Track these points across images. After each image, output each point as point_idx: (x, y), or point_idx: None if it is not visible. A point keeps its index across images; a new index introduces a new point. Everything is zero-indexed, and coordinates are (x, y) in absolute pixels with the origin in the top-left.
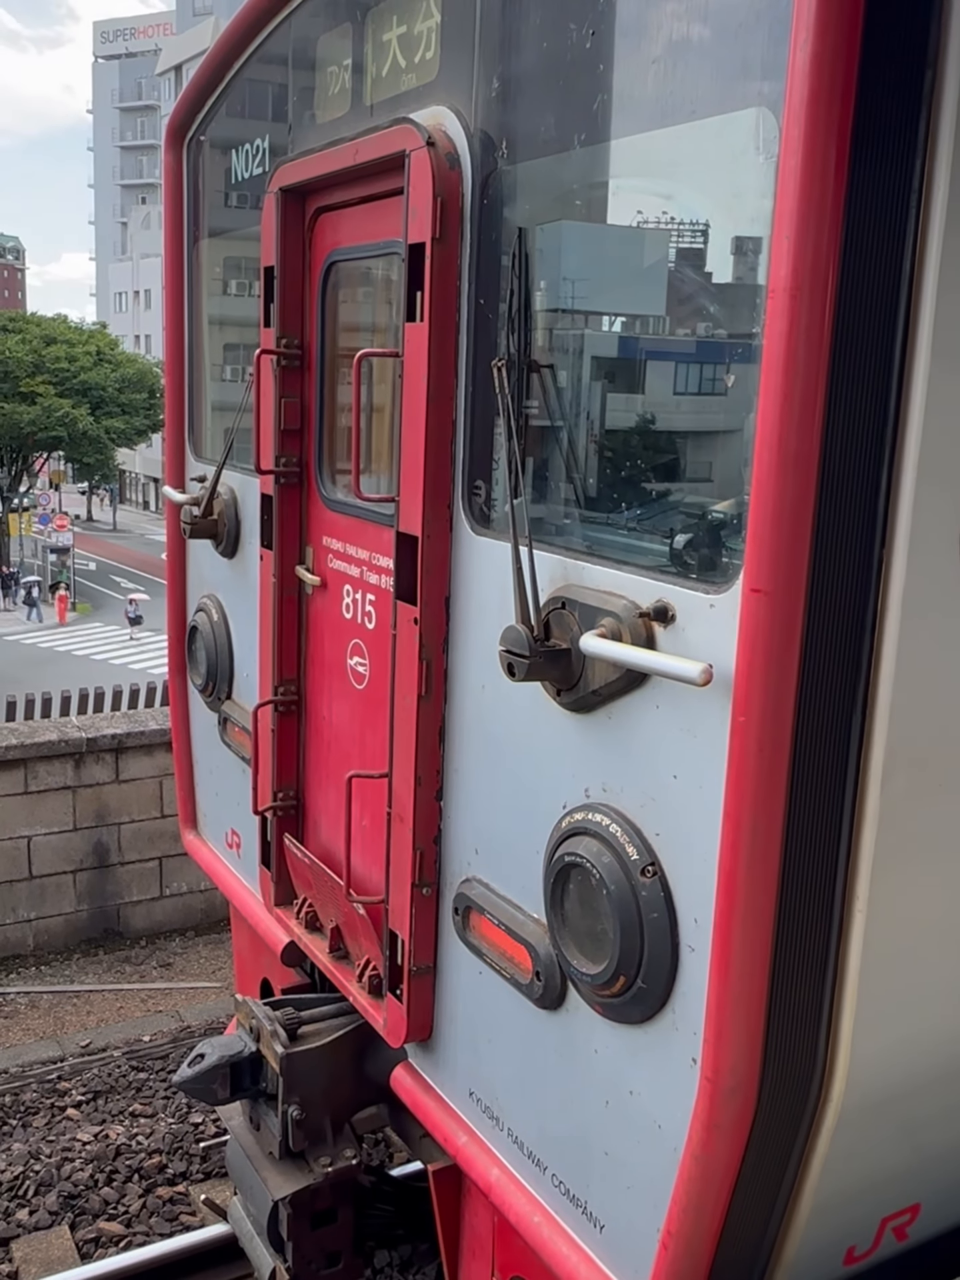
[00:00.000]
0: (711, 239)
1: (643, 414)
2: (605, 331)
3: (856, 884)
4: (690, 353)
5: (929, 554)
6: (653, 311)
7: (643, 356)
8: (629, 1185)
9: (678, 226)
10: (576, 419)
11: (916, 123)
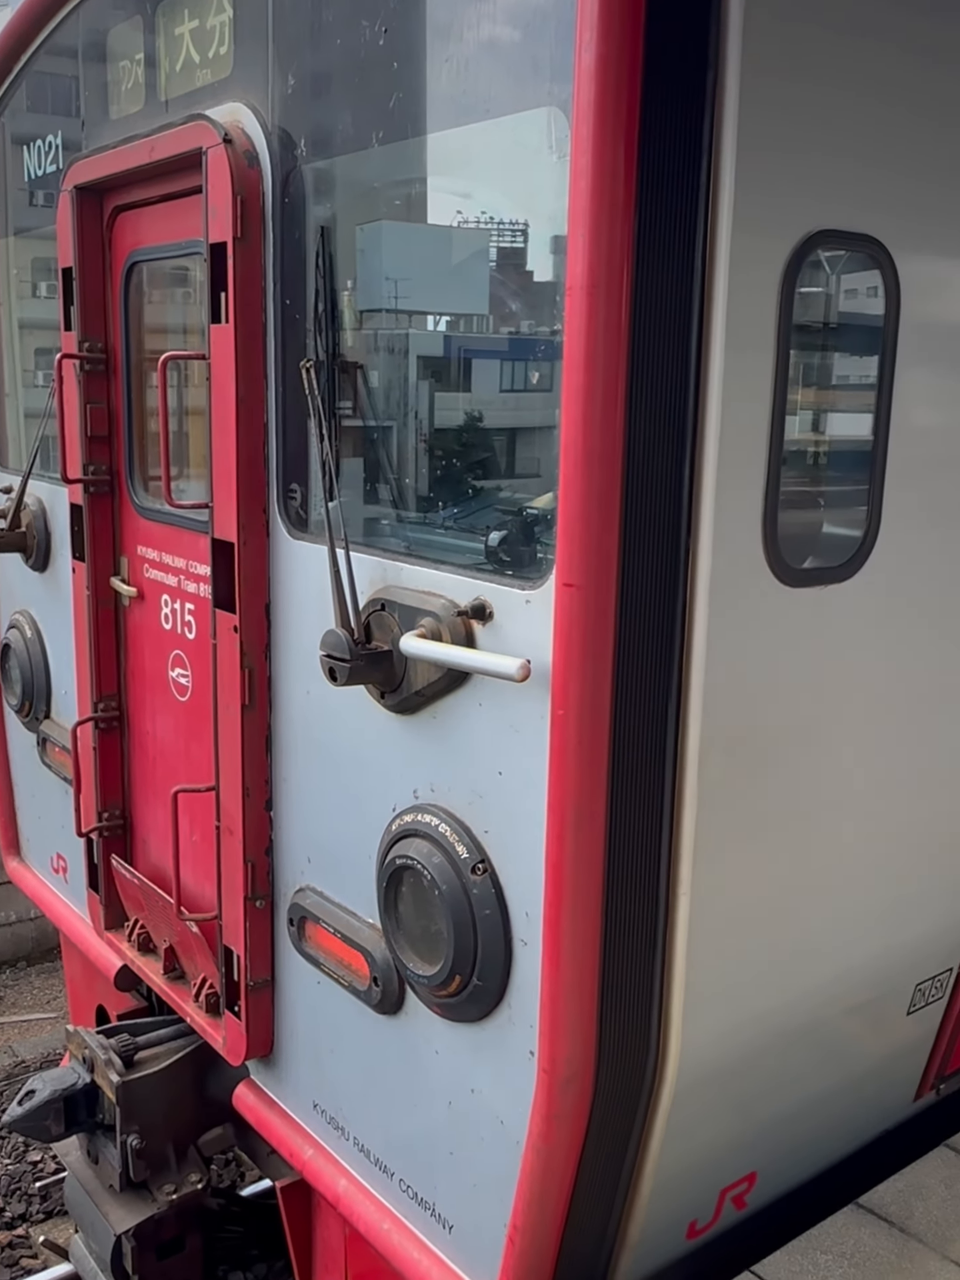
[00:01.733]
0: (513, 238)
1: (457, 413)
2: (415, 331)
3: (679, 868)
4: (503, 351)
5: (733, 543)
6: (462, 309)
7: (456, 355)
8: (475, 1183)
9: (480, 225)
10: (389, 419)
11: (701, 122)
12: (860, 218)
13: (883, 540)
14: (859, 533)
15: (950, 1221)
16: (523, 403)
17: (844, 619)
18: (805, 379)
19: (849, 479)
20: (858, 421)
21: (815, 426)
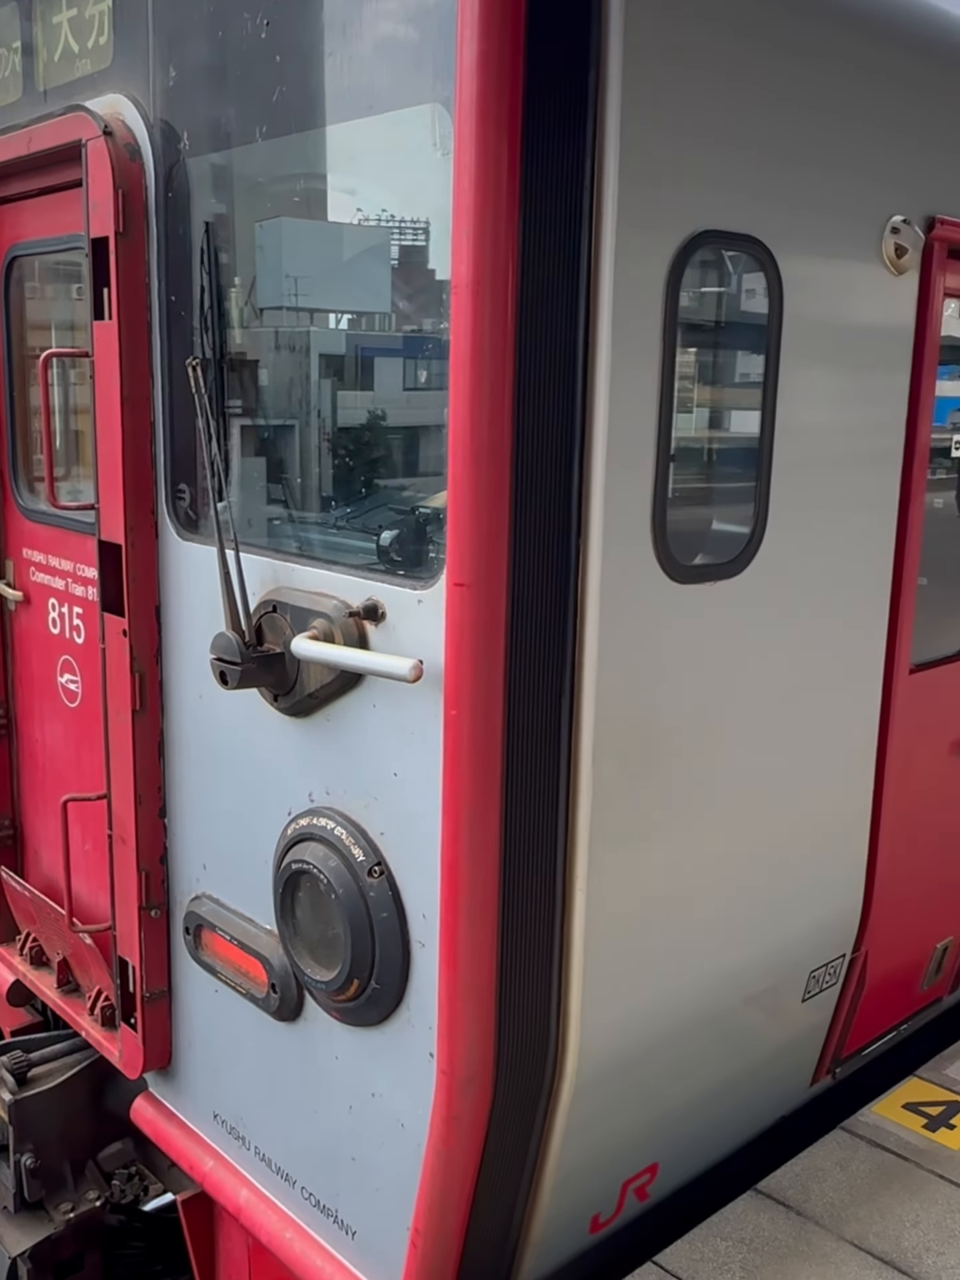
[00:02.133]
0: (401, 235)
1: (350, 412)
2: (306, 328)
3: (575, 864)
4: (396, 349)
5: (623, 541)
6: (355, 307)
7: (349, 353)
8: (377, 1188)
9: (369, 222)
10: (280, 418)
11: (585, 119)
12: (743, 218)
13: (770, 536)
14: (747, 529)
15: (845, 1203)
16: (415, 401)
17: (733, 614)
18: (693, 377)
19: (736, 476)
20: (745, 419)
21: (703, 424)
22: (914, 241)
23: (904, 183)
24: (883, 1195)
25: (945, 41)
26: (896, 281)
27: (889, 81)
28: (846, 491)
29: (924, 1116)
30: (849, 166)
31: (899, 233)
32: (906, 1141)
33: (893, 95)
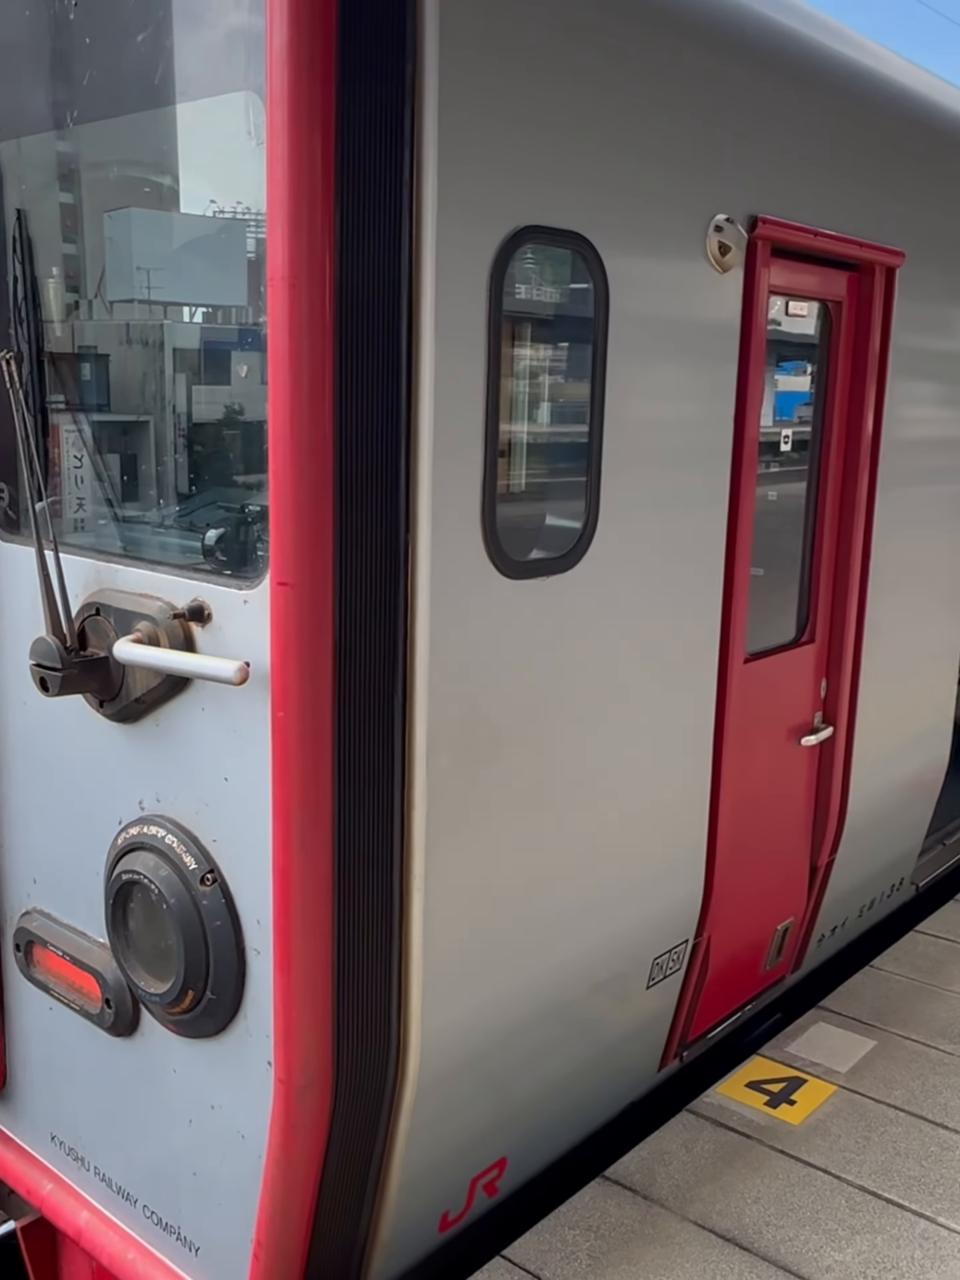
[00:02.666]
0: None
1: (172, 407)
2: (128, 320)
3: (412, 862)
4: (221, 342)
5: (452, 538)
6: (180, 298)
7: (174, 346)
8: (219, 1202)
9: (184, 211)
10: (102, 414)
11: (401, 111)
12: (567, 214)
13: (601, 531)
14: (578, 524)
15: (690, 1183)
16: (240, 396)
17: (567, 609)
18: (521, 372)
19: (567, 471)
20: (574, 414)
21: (533, 420)
22: (737, 240)
23: (727, 182)
24: (726, 1174)
25: (765, 45)
26: (722, 279)
27: (711, 83)
28: (677, 485)
29: (766, 1094)
30: (673, 165)
31: (722, 231)
32: (749, 1119)
33: (715, 96)
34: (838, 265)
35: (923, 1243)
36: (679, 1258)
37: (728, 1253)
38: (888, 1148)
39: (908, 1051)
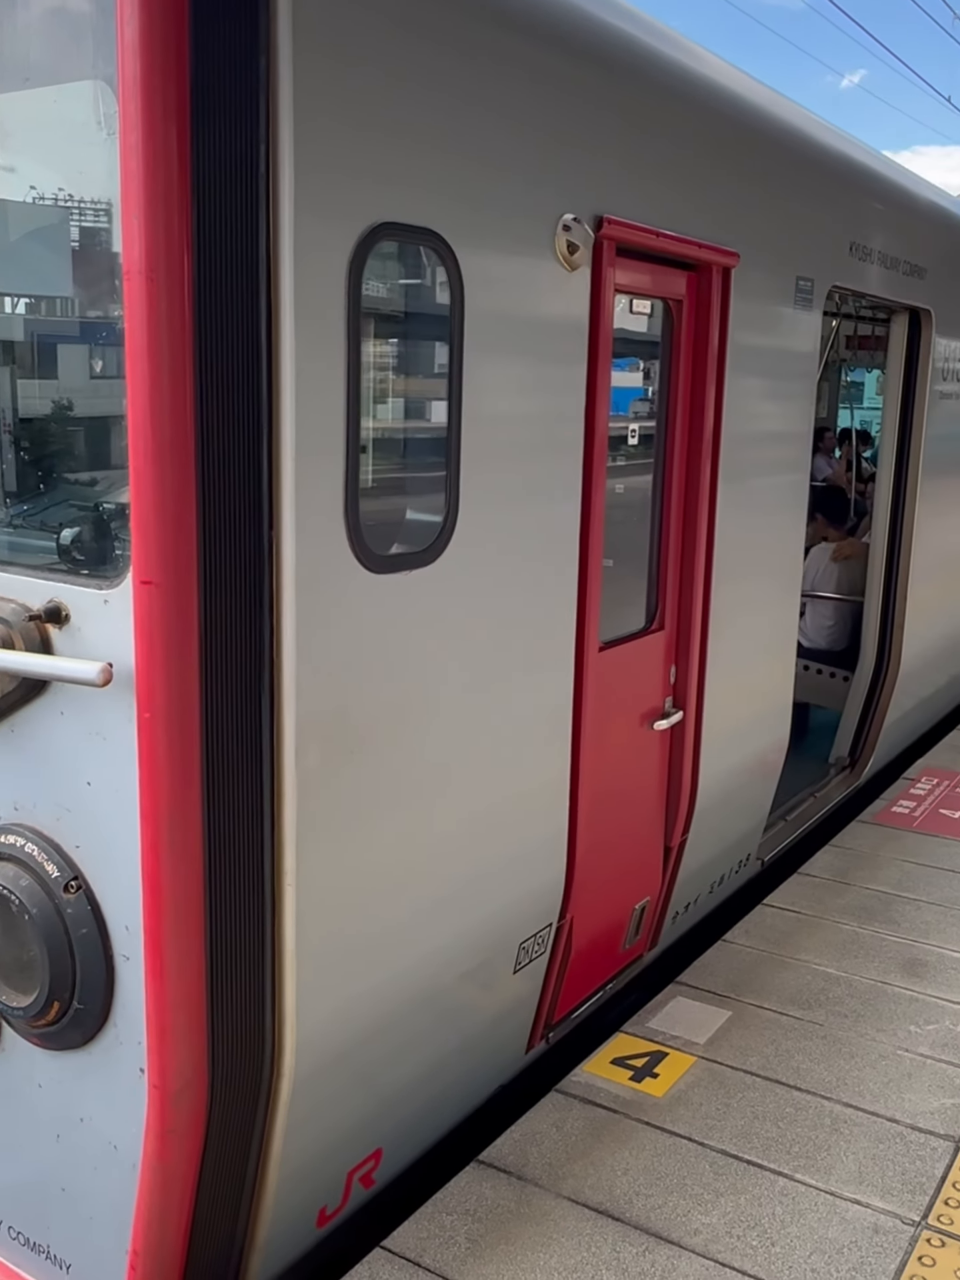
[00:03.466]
0: (66, 215)
1: (26, 402)
2: None
3: (283, 859)
4: (76, 335)
5: (316, 533)
6: (30, 290)
7: (26, 340)
8: (91, 1216)
9: (34, 199)
10: None
11: (257, 105)
12: (422, 211)
13: (462, 524)
14: (440, 518)
15: (562, 1161)
16: (100, 391)
17: (430, 601)
18: (380, 368)
19: (428, 465)
20: (434, 410)
21: (394, 415)
22: (584, 239)
23: (574, 182)
24: (595, 1149)
25: (612, 51)
26: (570, 277)
27: (560, 86)
28: (533, 479)
29: (630, 1069)
30: (522, 165)
31: (570, 230)
32: (615, 1095)
33: (563, 99)
34: (678, 265)
35: (782, 1199)
36: (555, 1233)
37: (601, 1225)
38: (746, 1112)
39: (761, 1020)
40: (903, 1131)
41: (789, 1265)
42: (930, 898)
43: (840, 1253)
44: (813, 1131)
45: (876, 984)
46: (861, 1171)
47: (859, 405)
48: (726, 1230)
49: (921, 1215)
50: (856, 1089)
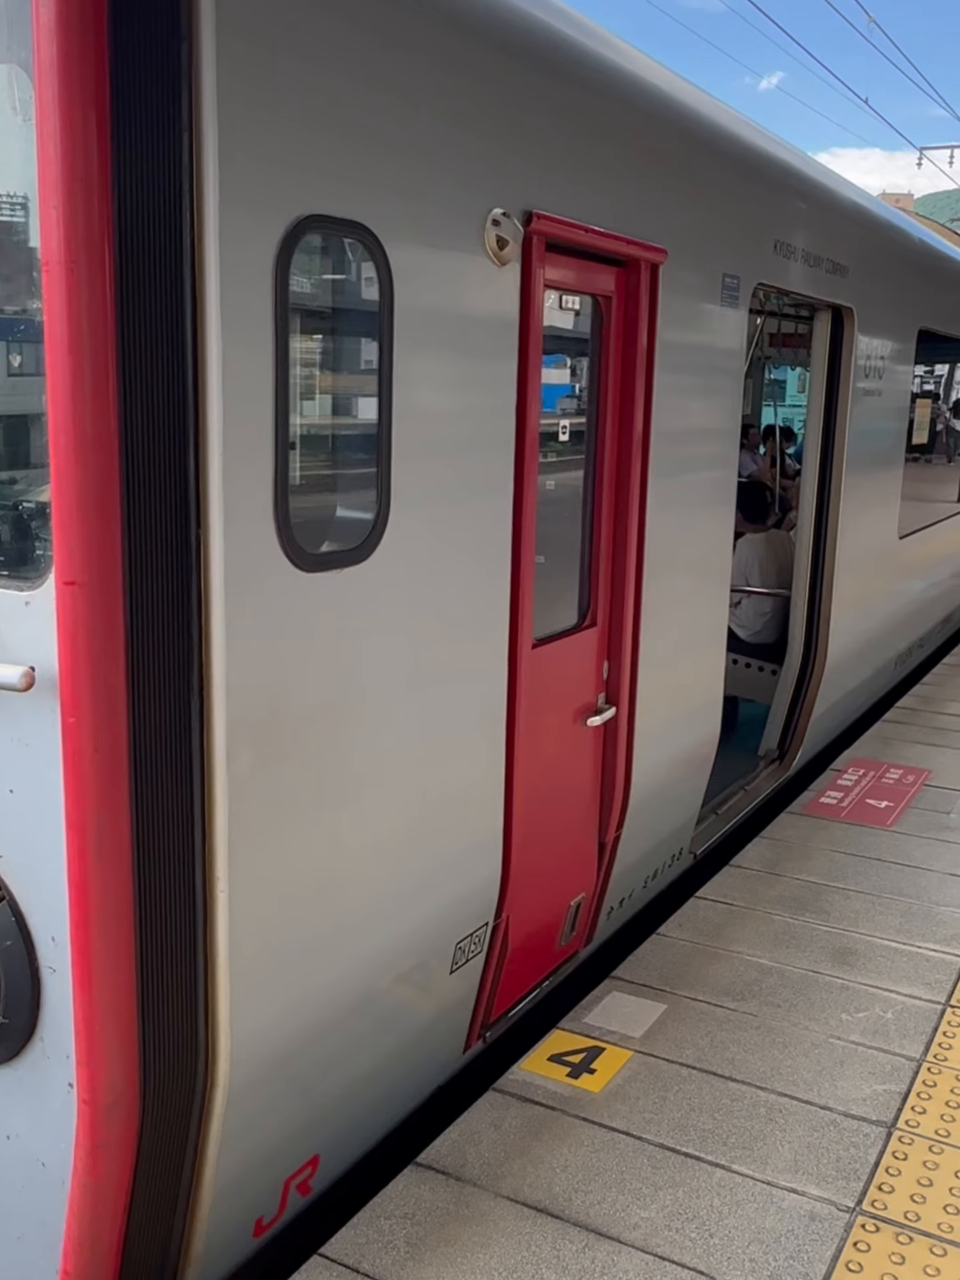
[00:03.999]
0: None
1: None
2: None
3: (215, 864)
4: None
5: (244, 532)
6: None
7: None
8: (19, 1235)
9: None
10: None
11: (179, 93)
12: (350, 204)
13: (394, 521)
14: (371, 515)
15: (500, 1160)
16: (19, 388)
17: (363, 600)
18: (310, 363)
19: (359, 462)
20: (364, 406)
21: (323, 411)
22: (514, 234)
23: (503, 177)
24: (534, 1147)
25: (542, 46)
26: (500, 272)
27: (489, 82)
28: (464, 475)
29: (567, 1066)
30: (452, 160)
31: (499, 225)
32: (553, 1092)
33: (492, 94)
34: (607, 261)
35: (720, 1190)
36: (494, 1233)
37: (540, 1223)
38: (683, 1105)
39: (696, 1012)
40: (836, 1119)
41: (727, 1256)
42: (859, 886)
43: (778, 1241)
44: (748, 1122)
45: (808, 973)
46: (797, 1160)
47: (782, 403)
48: (665, 1223)
49: (856, 1201)
50: (791, 1078)
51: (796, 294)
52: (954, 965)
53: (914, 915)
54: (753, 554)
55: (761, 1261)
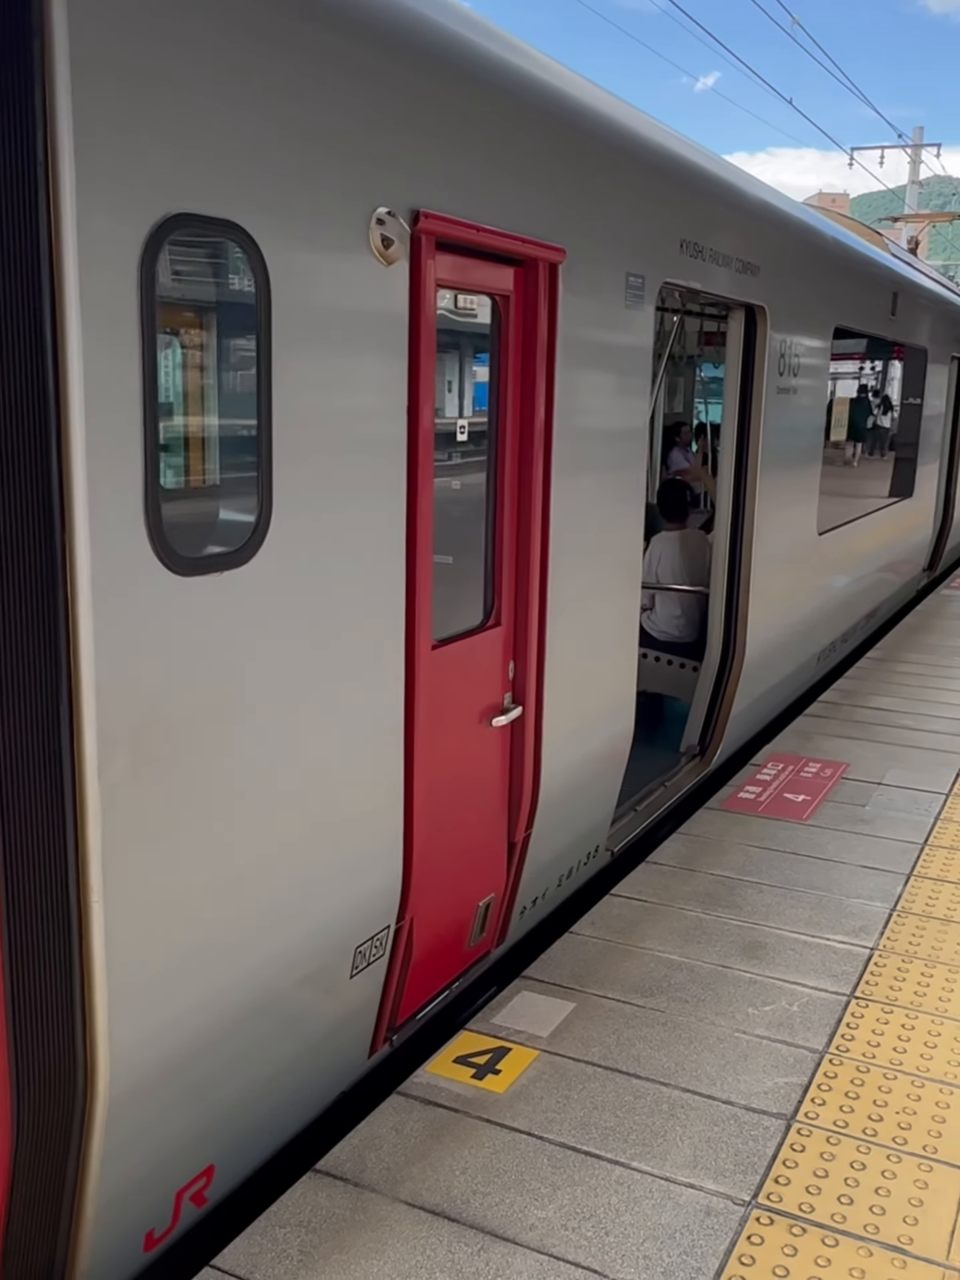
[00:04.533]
0: None
1: None
2: None
3: (89, 875)
4: None
5: (113, 537)
6: None
7: None
8: None
9: None
10: None
11: (31, 88)
12: (221, 203)
13: (276, 523)
14: (253, 517)
15: (400, 1164)
16: None
17: (245, 604)
18: (188, 364)
19: (238, 464)
20: (243, 406)
21: (201, 412)
22: (400, 233)
23: (388, 177)
24: (435, 1150)
25: (430, 44)
26: (388, 271)
27: (371, 79)
28: (353, 476)
29: (473, 1067)
30: (334, 159)
31: (384, 224)
32: (457, 1094)
33: (377, 93)
34: (504, 260)
35: (618, 1188)
36: (390, 1238)
37: (436, 1226)
38: (586, 1103)
39: (604, 1010)
40: (737, 1113)
41: (622, 1254)
42: (771, 880)
43: (672, 1237)
44: (650, 1118)
45: (717, 968)
46: (696, 1155)
47: (716, 400)
48: (562, 1223)
49: (752, 1195)
50: (694, 1073)
51: (706, 293)
52: (860, 956)
53: (824, 908)
54: (664, 552)
55: (655, 1258)
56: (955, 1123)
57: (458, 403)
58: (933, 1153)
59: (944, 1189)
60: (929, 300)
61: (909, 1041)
